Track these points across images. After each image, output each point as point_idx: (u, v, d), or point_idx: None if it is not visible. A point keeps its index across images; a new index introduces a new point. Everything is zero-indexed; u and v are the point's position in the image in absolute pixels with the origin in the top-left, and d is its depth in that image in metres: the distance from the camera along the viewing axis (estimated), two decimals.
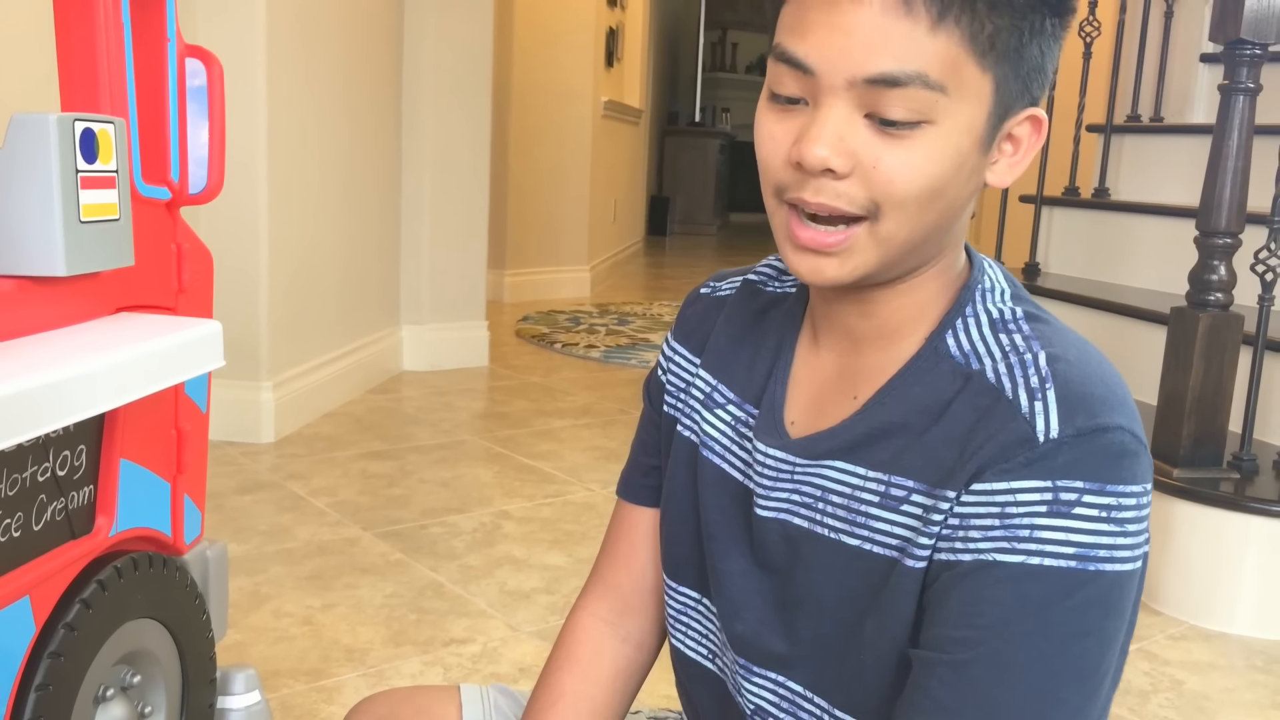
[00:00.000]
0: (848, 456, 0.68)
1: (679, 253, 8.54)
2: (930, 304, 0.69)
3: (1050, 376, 0.63)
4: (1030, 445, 0.60)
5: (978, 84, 0.61)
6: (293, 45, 2.79)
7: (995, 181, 0.66)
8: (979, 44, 0.59)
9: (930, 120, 0.60)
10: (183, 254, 1.07)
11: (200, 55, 1.07)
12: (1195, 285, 1.98)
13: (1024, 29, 0.61)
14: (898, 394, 0.67)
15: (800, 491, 0.70)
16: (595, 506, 2.43)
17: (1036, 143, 0.66)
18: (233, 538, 2.13)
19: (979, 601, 0.61)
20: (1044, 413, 0.61)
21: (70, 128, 0.85)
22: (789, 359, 0.75)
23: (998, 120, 0.63)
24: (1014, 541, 0.60)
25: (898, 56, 0.59)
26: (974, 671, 0.61)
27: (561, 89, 5.38)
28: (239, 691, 1.17)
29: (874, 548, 0.66)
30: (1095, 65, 3.20)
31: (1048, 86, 0.66)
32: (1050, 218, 3.25)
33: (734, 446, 0.76)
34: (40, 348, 0.83)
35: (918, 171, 0.61)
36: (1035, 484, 0.60)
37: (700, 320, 0.83)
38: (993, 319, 0.67)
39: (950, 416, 0.64)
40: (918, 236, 0.65)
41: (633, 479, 0.88)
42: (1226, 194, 1.91)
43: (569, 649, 0.86)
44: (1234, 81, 1.89)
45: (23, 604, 0.87)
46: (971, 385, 0.65)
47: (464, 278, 3.80)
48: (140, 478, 1.03)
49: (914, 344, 0.69)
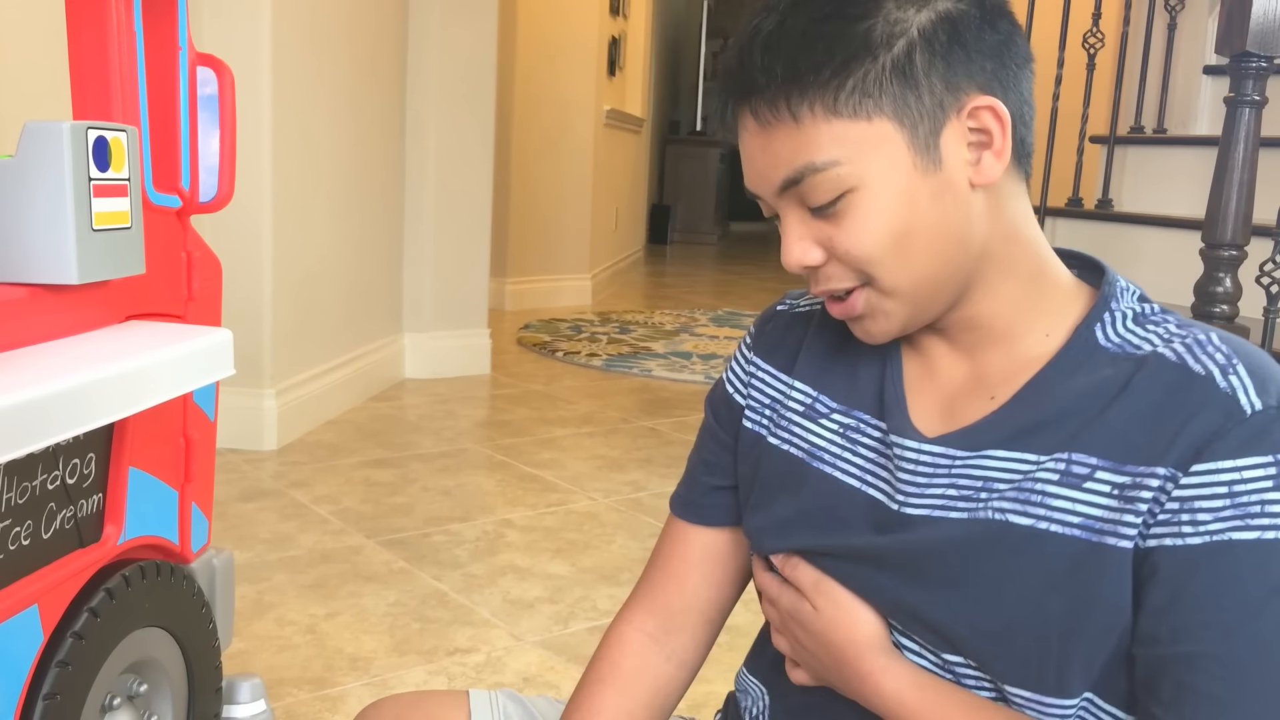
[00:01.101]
0: (1012, 444, 0.68)
1: (680, 262, 8.55)
2: (1026, 297, 0.70)
3: (1234, 353, 0.64)
4: (1238, 419, 0.61)
5: (871, 132, 0.65)
6: (297, 54, 2.80)
7: (989, 176, 0.67)
8: (844, 110, 0.64)
9: (849, 188, 0.65)
10: (192, 262, 1.07)
11: (211, 63, 1.07)
12: (1200, 297, 1.98)
13: (871, 73, 0.64)
14: (1054, 383, 0.68)
15: (958, 485, 0.69)
16: (598, 516, 2.43)
17: (1003, 125, 0.66)
18: (236, 545, 2.13)
19: (1224, 583, 0.60)
20: (1242, 387, 0.62)
21: (83, 136, 0.85)
22: (898, 366, 0.75)
23: (928, 137, 0.65)
24: (1247, 519, 0.60)
25: (785, 161, 0.66)
26: (1239, 657, 0.60)
27: (564, 98, 5.39)
28: (244, 701, 1.17)
29: (1051, 526, 0.65)
30: (1099, 76, 3.21)
31: (989, 67, 0.66)
32: (1053, 229, 3.25)
33: (845, 453, 0.75)
34: (52, 356, 0.83)
35: (867, 232, 0.66)
36: (1259, 459, 0.61)
37: (784, 335, 0.82)
38: (1136, 314, 0.69)
39: (1132, 395, 0.65)
40: (927, 273, 0.68)
41: (692, 498, 0.86)
42: (1232, 206, 1.91)
43: (613, 661, 0.84)
44: (1240, 94, 1.89)
45: (31, 612, 0.87)
46: (1150, 365, 0.65)
47: (466, 286, 3.80)
48: (149, 486, 1.03)
49: (1036, 340, 0.70)
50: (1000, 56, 0.67)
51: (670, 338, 4.72)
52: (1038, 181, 3.15)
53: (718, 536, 0.86)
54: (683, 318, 5.32)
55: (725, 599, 0.87)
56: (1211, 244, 1.96)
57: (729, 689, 0.92)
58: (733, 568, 0.86)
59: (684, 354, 4.34)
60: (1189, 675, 0.61)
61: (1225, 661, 0.60)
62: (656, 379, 3.92)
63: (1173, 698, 0.61)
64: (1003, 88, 0.67)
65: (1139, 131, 3.36)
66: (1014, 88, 0.68)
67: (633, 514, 2.45)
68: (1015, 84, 0.68)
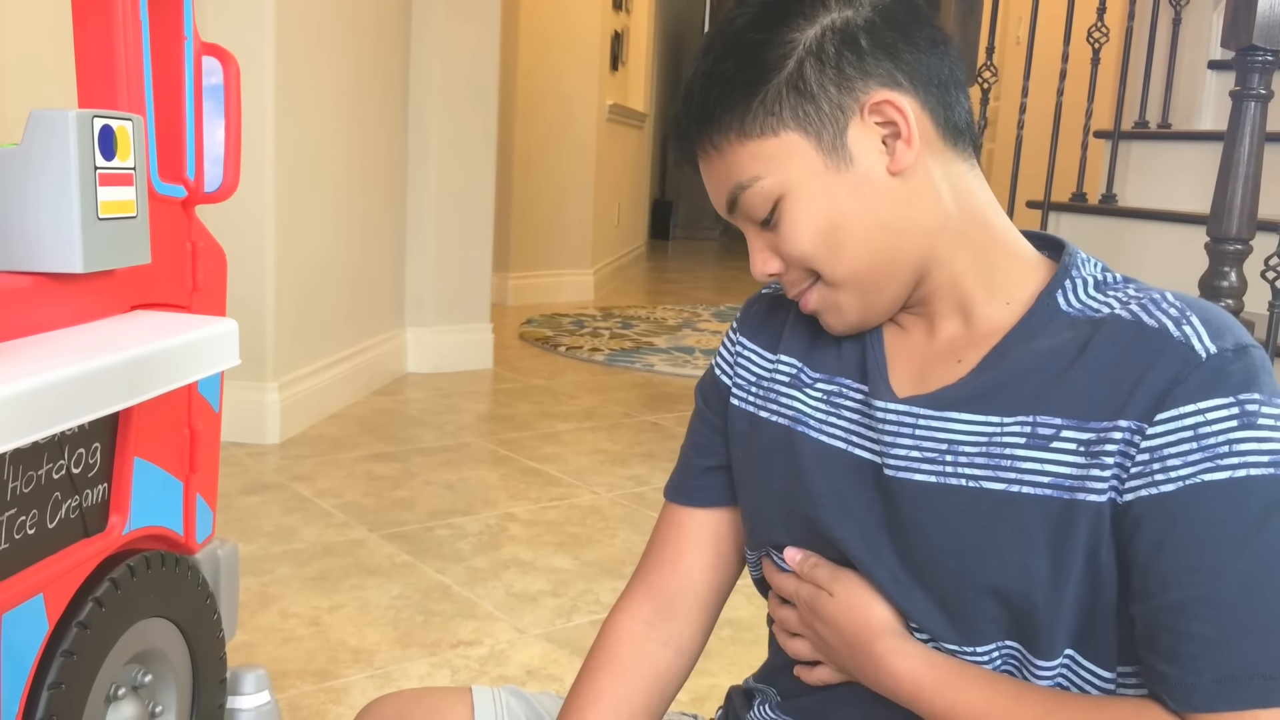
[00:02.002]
0: (975, 407, 0.70)
1: (681, 257, 8.54)
2: (982, 267, 0.73)
3: (1187, 306, 0.67)
4: (1194, 364, 0.63)
5: (781, 146, 0.71)
6: (300, 47, 2.79)
7: (903, 163, 0.71)
8: (753, 132, 0.71)
9: (778, 196, 0.72)
10: (197, 252, 1.07)
11: (217, 53, 1.06)
12: (1205, 292, 1.98)
13: (769, 94, 0.70)
14: (1017, 348, 0.70)
15: (921, 447, 0.71)
16: (601, 510, 2.43)
17: (906, 116, 0.70)
18: (239, 538, 2.13)
19: (1203, 525, 0.61)
20: (1195, 334, 0.64)
21: (89, 124, 0.85)
22: (879, 334, 0.78)
23: (834, 139, 0.71)
24: (1216, 459, 0.61)
25: (721, 185, 0.75)
26: (1228, 596, 0.61)
27: (566, 92, 5.38)
28: (249, 692, 1.17)
29: (1023, 489, 0.67)
30: (1103, 71, 3.21)
31: (886, 64, 0.70)
32: (1057, 224, 3.24)
33: (831, 417, 0.78)
34: (57, 345, 0.83)
35: (797, 233, 0.72)
36: (1220, 400, 0.62)
37: (768, 315, 0.86)
38: (1097, 281, 0.72)
39: (1090, 355, 0.67)
40: (864, 261, 0.72)
41: (684, 481, 0.88)
42: (1238, 200, 1.90)
43: (610, 650, 0.85)
44: (1245, 88, 1.89)
45: (36, 601, 0.87)
46: (1107, 327, 0.68)
47: (469, 280, 3.80)
48: (153, 476, 1.02)
49: (997, 308, 0.73)
50: (896, 51, 0.71)
51: (672, 333, 4.72)
52: (1041, 176, 3.15)
53: (710, 517, 0.87)
54: (685, 313, 5.31)
55: (721, 581, 0.88)
56: (1217, 238, 1.95)
57: (731, 682, 0.92)
58: (726, 549, 0.87)
59: (686, 349, 4.34)
60: (1182, 622, 0.62)
61: (1215, 603, 0.61)
62: (659, 374, 3.92)
63: (1171, 648, 0.62)
64: (907, 78, 0.71)
65: (1143, 126, 3.36)
66: (921, 74, 0.71)
67: (635, 508, 2.45)
68: (921, 70, 0.71)
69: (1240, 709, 0.60)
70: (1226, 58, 3.07)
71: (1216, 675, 0.60)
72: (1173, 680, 0.62)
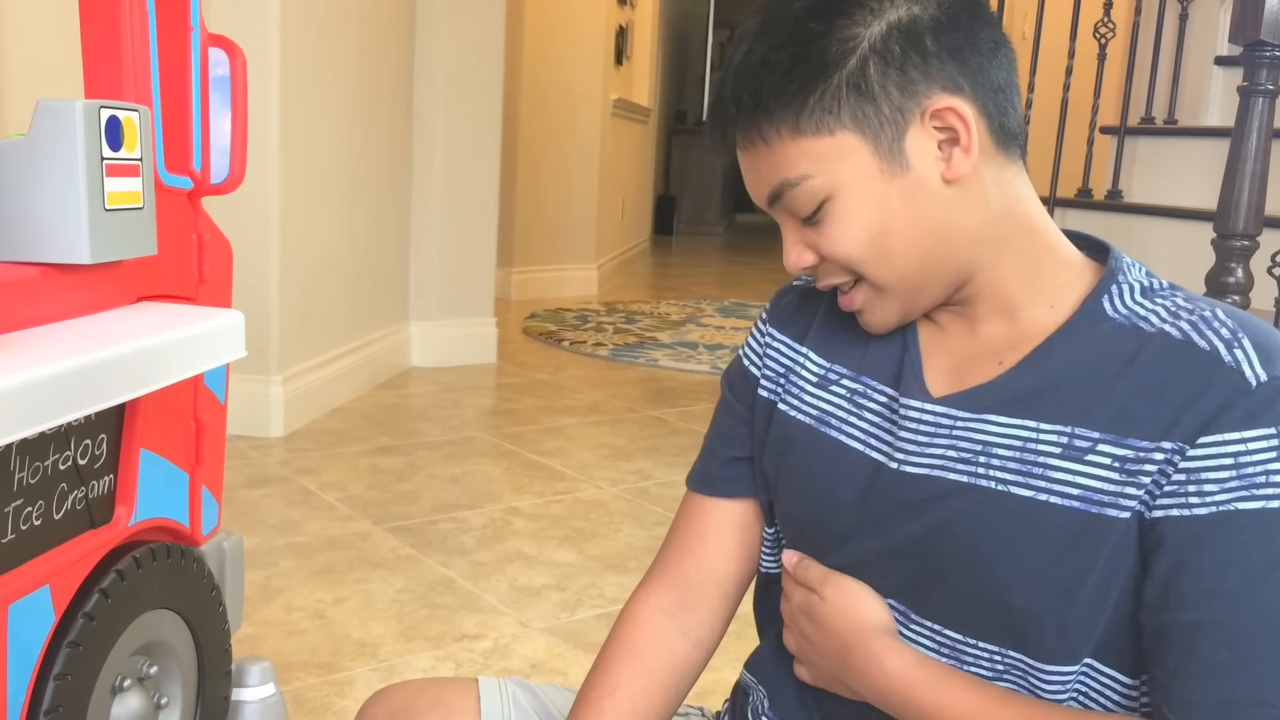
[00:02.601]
0: (1014, 410, 0.69)
1: (685, 252, 8.54)
2: (1026, 271, 0.72)
3: (1239, 327, 0.65)
4: (1244, 392, 0.62)
5: (835, 146, 0.69)
6: (306, 38, 2.79)
7: (959, 171, 0.69)
8: (807, 129, 0.69)
9: (826, 197, 0.70)
10: (204, 244, 1.07)
11: (223, 45, 1.06)
12: (1212, 288, 1.97)
13: (829, 91, 0.68)
14: (1060, 351, 0.69)
15: (957, 447, 0.70)
16: (605, 504, 2.43)
17: (966, 123, 0.68)
18: (243, 531, 2.12)
19: (1229, 551, 0.61)
20: (1247, 360, 0.63)
21: (96, 115, 0.84)
22: (914, 333, 0.77)
23: (892, 143, 0.69)
24: (1252, 489, 0.61)
25: (765, 179, 0.72)
26: (1243, 623, 0.61)
27: (571, 87, 5.38)
28: (254, 684, 1.17)
29: (1050, 498, 0.66)
30: (1110, 66, 3.20)
31: (950, 67, 0.68)
32: (1063, 219, 3.24)
33: (852, 417, 0.77)
34: (64, 336, 0.83)
35: (845, 237, 0.71)
36: (1263, 431, 0.62)
37: (798, 308, 0.85)
38: (1144, 287, 0.71)
39: (1137, 371, 0.66)
40: (911, 267, 0.71)
41: (708, 471, 0.87)
42: (1245, 196, 1.90)
43: (629, 639, 0.85)
44: (1253, 83, 1.88)
45: (42, 593, 0.87)
46: (1155, 342, 0.67)
47: (473, 274, 3.80)
48: (159, 468, 1.02)
49: (1041, 311, 0.72)
50: (961, 54, 0.69)
51: (676, 328, 4.71)
52: (1047, 171, 3.14)
53: (733, 508, 0.86)
54: (689, 308, 5.31)
55: (743, 573, 0.87)
56: (1224, 234, 1.95)
57: (736, 676, 0.92)
58: (748, 540, 0.87)
59: (690, 344, 4.34)
60: (1194, 642, 0.62)
61: (1230, 628, 0.61)
62: (663, 369, 3.92)
63: (1178, 664, 0.62)
64: (969, 83, 0.69)
65: (1149, 122, 3.35)
66: (982, 79, 0.69)
67: (639, 502, 2.45)
68: (983, 75, 0.69)
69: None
70: (1234, 53, 3.07)
71: (1222, 698, 0.61)
72: (1176, 696, 0.62)
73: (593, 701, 0.82)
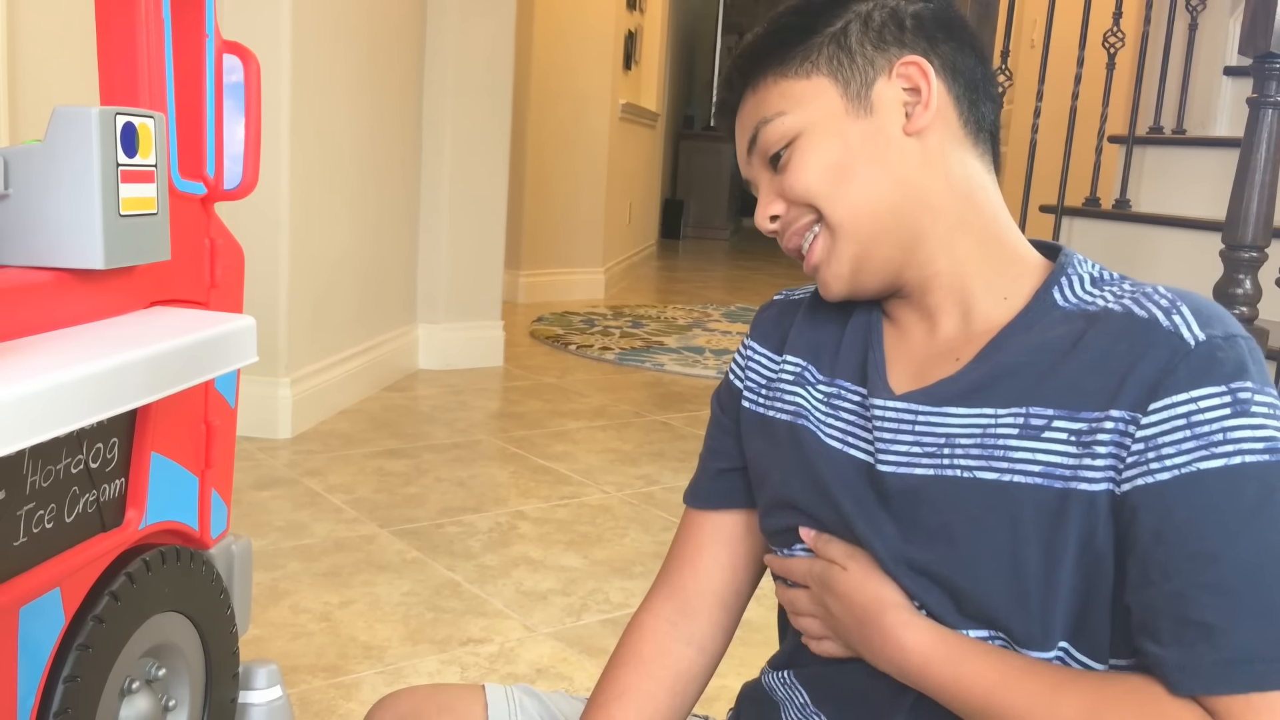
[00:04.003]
0: (972, 400, 0.71)
1: (692, 256, 8.54)
2: (982, 258, 0.76)
3: (1178, 297, 0.68)
4: (1183, 353, 0.64)
5: (810, 88, 0.76)
6: (317, 45, 2.80)
7: (919, 124, 0.75)
8: (789, 73, 0.77)
9: (794, 135, 0.76)
10: (216, 249, 1.07)
11: (238, 51, 1.07)
12: (1220, 299, 1.97)
13: (813, 43, 0.76)
14: (1013, 340, 0.72)
15: (921, 442, 0.72)
16: (611, 509, 2.43)
17: (929, 81, 0.75)
18: (250, 533, 2.13)
19: (1201, 513, 0.62)
20: (1185, 323, 0.66)
21: (112, 121, 0.85)
22: (879, 336, 0.80)
23: (860, 89, 0.76)
24: (1211, 447, 0.62)
25: (747, 125, 0.79)
26: (1229, 583, 0.61)
27: (579, 91, 5.38)
28: (261, 687, 1.17)
29: (1015, 478, 0.68)
30: (1118, 76, 3.20)
31: (922, 45, 0.76)
32: (1070, 228, 3.24)
33: (828, 418, 0.79)
34: (78, 341, 0.83)
35: (809, 167, 0.76)
36: (1212, 389, 0.63)
37: (777, 321, 0.88)
38: (1093, 278, 0.74)
39: (1084, 348, 0.68)
40: (867, 206, 0.75)
41: (700, 486, 0.90)
42: (1253, 207, 1.90)
43: (634, 646, 0.87)
44: (1263, 95, 1.88)
45: (53, 595, 0.87)
46: (1100, 321, 0.69)
47: (480, 278, 3.80)
48: (170, 471, 1.03)
49: (995, 303, 0.75)
50: (934, 41, 0.76)
51: (683, 332, 4.72)
52: (1055, 181, 3.14)
53: (726, 519, 0.88)
54: (695, 313, 5.31)
55: (740, 583, 0.89)
56: (1232, 245, 1.95)
57: (739, 683, 0.93)
58: (744, 550, 0.89)
59: (696, 349, 4.34)
60: (1183, 609, 0.62)
61: (1216, 589, 0.61)
62: (669, 373, 3.92)
63: (1172, 635, 0.62)
64: (939, 63, 0.76)
65: (1158, 132, 3.35)
66: (950, 65, 0.76)
67: (645, 507, 2.45)
68: (953, 63, 0.76)
69: (1239, 692, 0.60)
70: (1243, 64, 3.06)
71: (1217, 659, 0.61)
72: (1171, 665, 0.62)
73: (601, 705, 0.84)
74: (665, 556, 0.91)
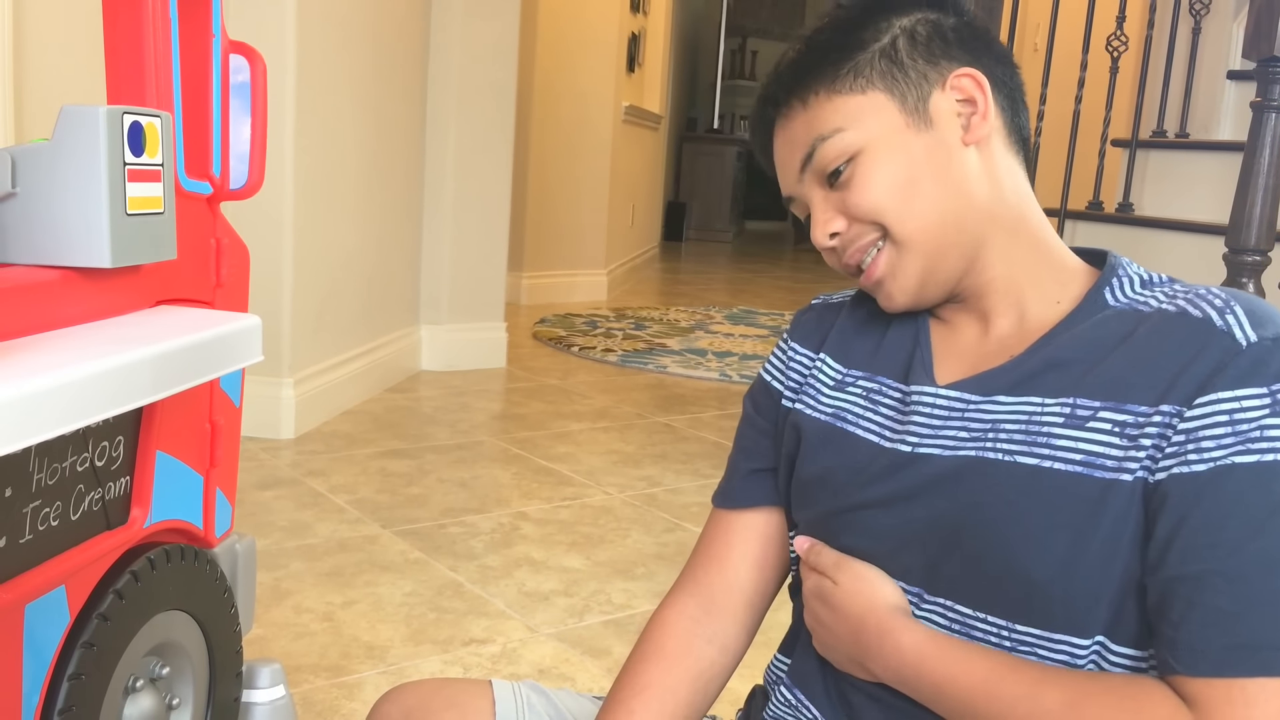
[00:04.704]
0: (1020, 389, 0.73)
1: (694, 259, 8.54)
2: (1035, 262, 0.78)
3: (1231, 297, 0.70)
4: (1235, 352, 0.66)
5: (867, 103, 0.76)
6: (321, 46, 2.80)
7: (978, 134, 0.77)
8: (842, 88, 0.77)
9: (854, 152, 0.76)
10: (222, 249, 1.08)
11: (244, 51, 1.07)
12: None
13: (863, 59, 0.77)
14: (1064, 336, 0.74)
15: (968, 428, 0.74)
16: (613, 510, 2.43)
17: (982, 88, 0.77)
18: (254, 533, 2.13)
19: (1227, 504, 0.64)
20: (1238, 324, 0.67)
21: (119, 120, 0.85)
22: (927, 335, 0.81)
23: (917, 103, 0.76)
24: (1247, 443, 0.64)
25: (801, 142, 0.79)
26: (1244, 572, 0.63)
27: (583, 93, 5.39)
28: (264, 686, 1.17)
29: (1055, 464, 0.69)
30: (1121, 80, 3.20)
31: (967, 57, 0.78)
32: (1074, 232, 3.24)
33: (867, 412, 0.81)
34: (84, 339, 0.83)
35: (873, 185, 0.76)
36: (1256, 390, 0.65)
37: (818, 323, 0.90)
38: (1143, 280, 0.76)
39: (1134, 344, 0.70)
40: (933, 220, 0.76)
41: (731, 486, 0.90)
42: (1257, 211, 1.90)
43: (656, 641, 0.87)
44: (1267, 99, 1.89)
45: (58, 593, 0.88)
46: (1151, 319, 0.71)
47: (483, 279, 3.81)
48: (175, 470, 1.03)
49: (1047, 306, 0.77)
50: (976, 52, 0.78)
51: (685, 334, 4.72)
52: (1059, 183, 3.14)
53: (755, 518, 0.89)
54: (698, 315, 5.32)
55: (765, 582, 0.89)
56: (1235, 249, 1.95)
57: (746, 683, 0.93)
58: (771, 550, 0.89)
59: (699, 351, 4.34)
60: (1197, 593, 0.64)
61: (1231, 577, 0.63)
62: (671, 375, 3.92)
63: (1182, 616, 0.64)
64: (985, 72, 0.77)
65: (1161, 136, 3.35)
66: (994, 76, 0.78)
67: (647, 509, 2.45)
68: (995, 73, 0.78)
69: (1246, 676, 0.62)
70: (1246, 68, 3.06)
71: (1227, 643, 0.62)
72: (1182, 645, 0.64)
73: (622, 700, 0.84)
74: (691, 554, 0.91)
